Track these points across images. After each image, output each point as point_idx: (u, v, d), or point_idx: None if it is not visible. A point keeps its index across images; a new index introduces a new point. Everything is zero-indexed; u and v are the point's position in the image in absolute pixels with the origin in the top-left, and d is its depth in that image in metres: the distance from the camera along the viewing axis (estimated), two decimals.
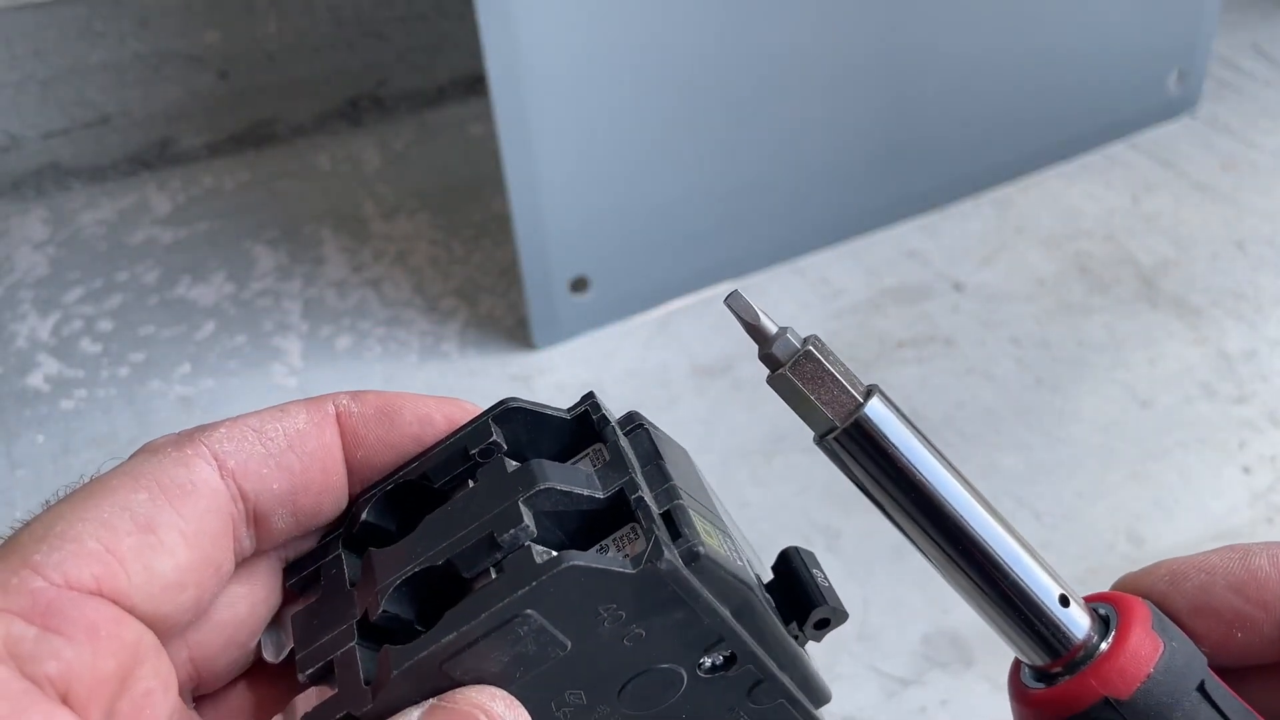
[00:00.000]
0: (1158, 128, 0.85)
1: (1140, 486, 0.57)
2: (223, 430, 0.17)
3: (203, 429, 0.17)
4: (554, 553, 0.16)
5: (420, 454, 0.18)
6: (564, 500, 0.16)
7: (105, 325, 0.72)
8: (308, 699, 0.17)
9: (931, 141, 0.74)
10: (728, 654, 0.17)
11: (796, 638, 0.18)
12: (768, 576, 0.19)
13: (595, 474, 0.17)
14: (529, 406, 0.18)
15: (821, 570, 0.19)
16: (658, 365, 0.66)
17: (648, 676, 0.17)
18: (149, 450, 0.17)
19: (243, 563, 0.18)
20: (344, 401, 0.18)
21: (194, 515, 0.16)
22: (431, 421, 0.18)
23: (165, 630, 0.16)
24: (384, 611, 0.16)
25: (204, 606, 0.17)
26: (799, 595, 0.18)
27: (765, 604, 0.17)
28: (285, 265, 0.76)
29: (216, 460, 0.17)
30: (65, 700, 0.14)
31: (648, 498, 0.16)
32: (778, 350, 0.17)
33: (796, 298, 0.71)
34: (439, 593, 0.16)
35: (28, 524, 0.16)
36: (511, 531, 0.16)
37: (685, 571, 0.16)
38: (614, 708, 0.17)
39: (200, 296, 0.74)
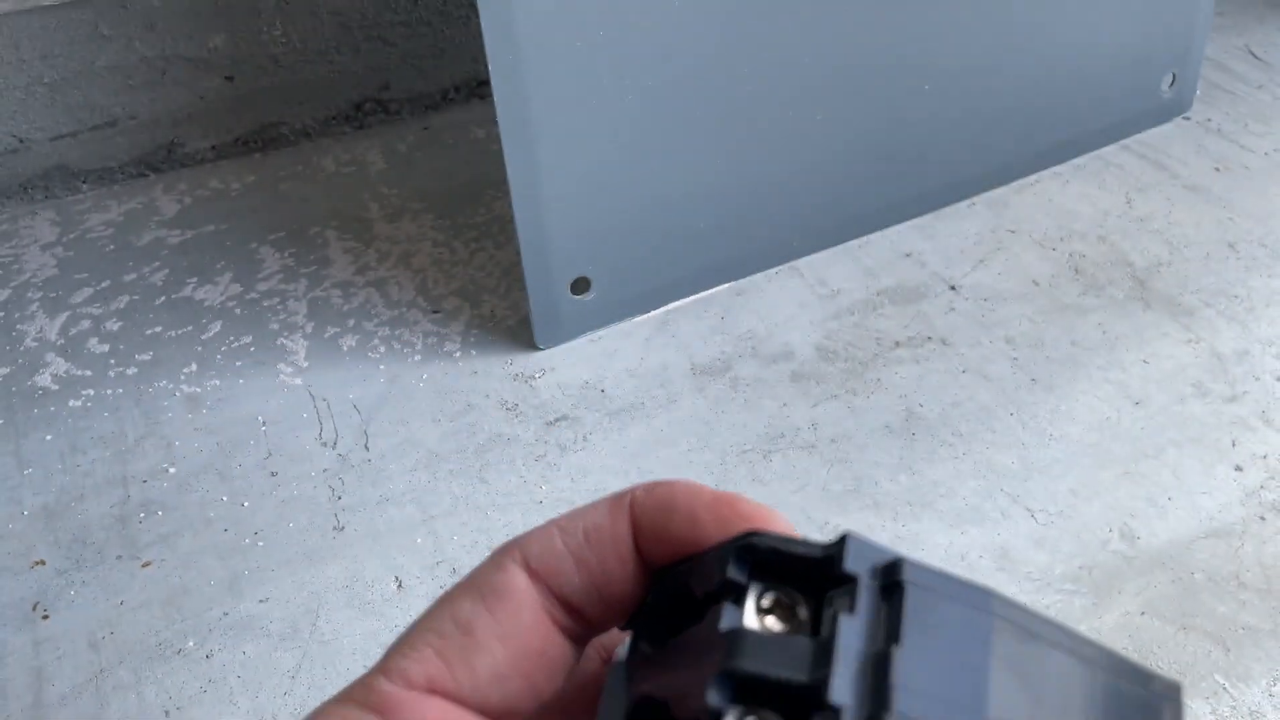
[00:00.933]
0: (1151, 130, 0.86)
1: (1134, 485, 0.57)
2: (536, 533, 0.19)
3: (526, 533, 0.19)
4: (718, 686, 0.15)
5: (691, 555, 0.18)
6: (759, 679, 0.15)
7: (113, 325, 0.73)
8: None
9: (928, 144, 0.75)
10: None
11: None
12: None
13: (814, 646, 0.15)
14: (771, 544, 0.17)
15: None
16: (658, 365, 0.67)
17: None
18: (488, 558, 0.19)
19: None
20: (639, 493, 0.19)
21: (505, 616, 0.18)
22: (699, 523, 0.18)
23: (506, 718, 0.18)
24: (631, 716, 0.17)
25: (543, 691, 0.19)
26: None
27: None
28: (291, 266, 0.77)
29: (525, 562, 0.19)
30: None
31: (847, 697, 0.14)
32: None
33: (795, 298, 0.72)
34: (664, 711, 0.17)
35: (401, 635, 0.19)
36: (693, 709, 0.15)
37: None
38: None
39: (206, 297, 0.75)
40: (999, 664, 0.15)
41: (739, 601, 0.17)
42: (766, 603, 0.17)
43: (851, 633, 0.15)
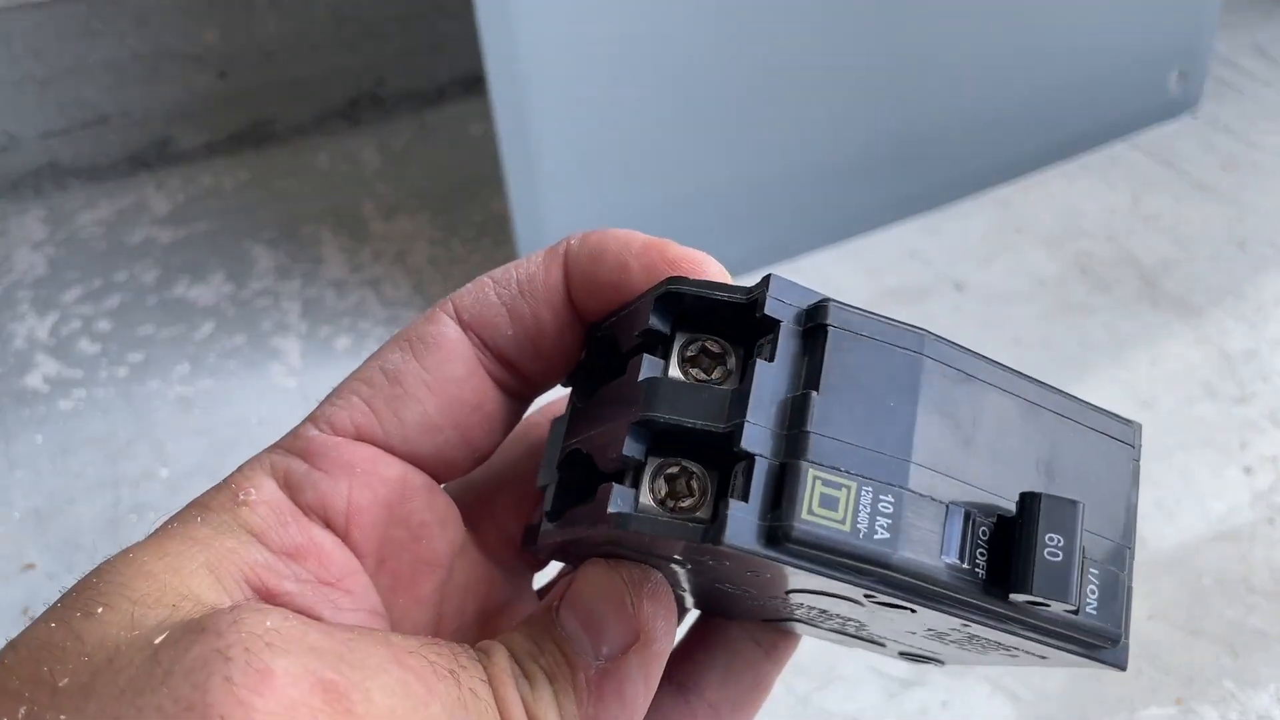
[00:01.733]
0: (1159, 127, 0.85)
1: (1141, 487, 0.57)
2: (469, 286, 0.19)
3: (460, 289, 0.19)
4: (630, 506, 0.15)
5: (621, 307, 0.18)
6: (675, 427, 0.15)
7: (104, 325, 0.72)
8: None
9: (932, 141, 0.74)
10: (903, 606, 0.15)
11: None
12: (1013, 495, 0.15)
13: (731, 395, 0.15)
14: (693, 290, 0.16)
15: (1067, 534, 0.14)
16: None
17: (829, 599, 0.15)
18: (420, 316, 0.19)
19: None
20: (574, 242, 0.18)
21: (434, 365, 0.18)
22: (628, 270, 0.18)
23: (440, 470, 0.18)
24: (562, 472, 0.18)
25: (479, 445, 0.19)
26: (1007, 562, 0.14)
27: (928, 574, 0.14)
28: (284, 265, 0.76)
29: (457, 313, 0.18)
30: (326, 522, 0.17)
31: (759, 445, 0.14)
32: None
33: None
34: (589, 464, 0.17)
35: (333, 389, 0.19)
36: (613, 458, 0.15)
37: (761, 552, 0.14)
38: (813, 606, 0.16)
39: (199, 296, 0.74)
40: (927, 409, 0.15)
41: (662, 352, 0.16)
42: (692, 352, 0.16)
43: (769, 379, 0.14)
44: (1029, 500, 0.15)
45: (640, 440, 0.15)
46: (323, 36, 0.88)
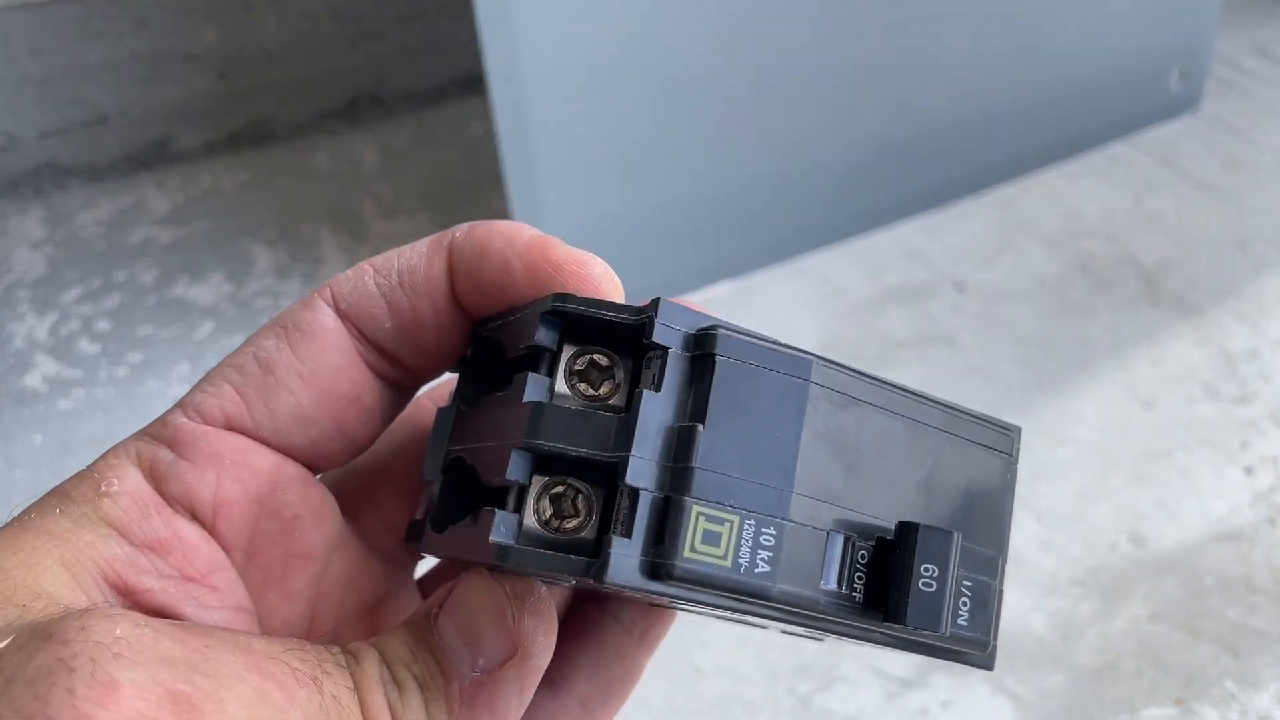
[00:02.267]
0: (1160, 127, 0.85)
1: (1142, 487, 0.57)
2: (348, 272, 0.18)
3: (339, 274, 0.18)
4: (504, 538, 0.15)
5: (507, 310, 0.17)
6: (559, 453, 0.15)
7: (103, 325, 0.72)
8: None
9: (933, 140, 0.74)
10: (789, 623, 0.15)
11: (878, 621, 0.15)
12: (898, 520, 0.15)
13: (617, 423, 0.15)
14: (580, 309, 0.15)
15: (940, 564, 0.15)
16: None
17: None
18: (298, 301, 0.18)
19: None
20: (459, 234, 0.18)
21: (309, 355, 0.17)
22: (510, 269, 0.17)
23: (317, 461, 0.18)
24: (444, 475, 0.17)
25: (358, 437, 0.18)
26: (885, 589, 0.15)
27: (807, 602, 0.14)
28: (284, 265, 0.76)
29: (334, 301, 0.17)
30: (193, 514, 0.16)
31: (645, 481, 0.14)
32: None
33: (797, 298, 0.71)
34: (474, 475, 0.17)
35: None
36: (495, 480, 0.15)
37: (645, 588, 0.14)
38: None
39: (198, 296, 0.74)
40: (812, 436, 0.15)
41: (547, 368, 0.16)
42: (580, 365, 0.16)
43: (654, 410, 0.14)
44: (906, 530, 0.15)
45: (523, 463, 0.15)
46: (323, 36, 0.88)
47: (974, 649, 0.16)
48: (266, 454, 0.17)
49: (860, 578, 0.15)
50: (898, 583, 0.15)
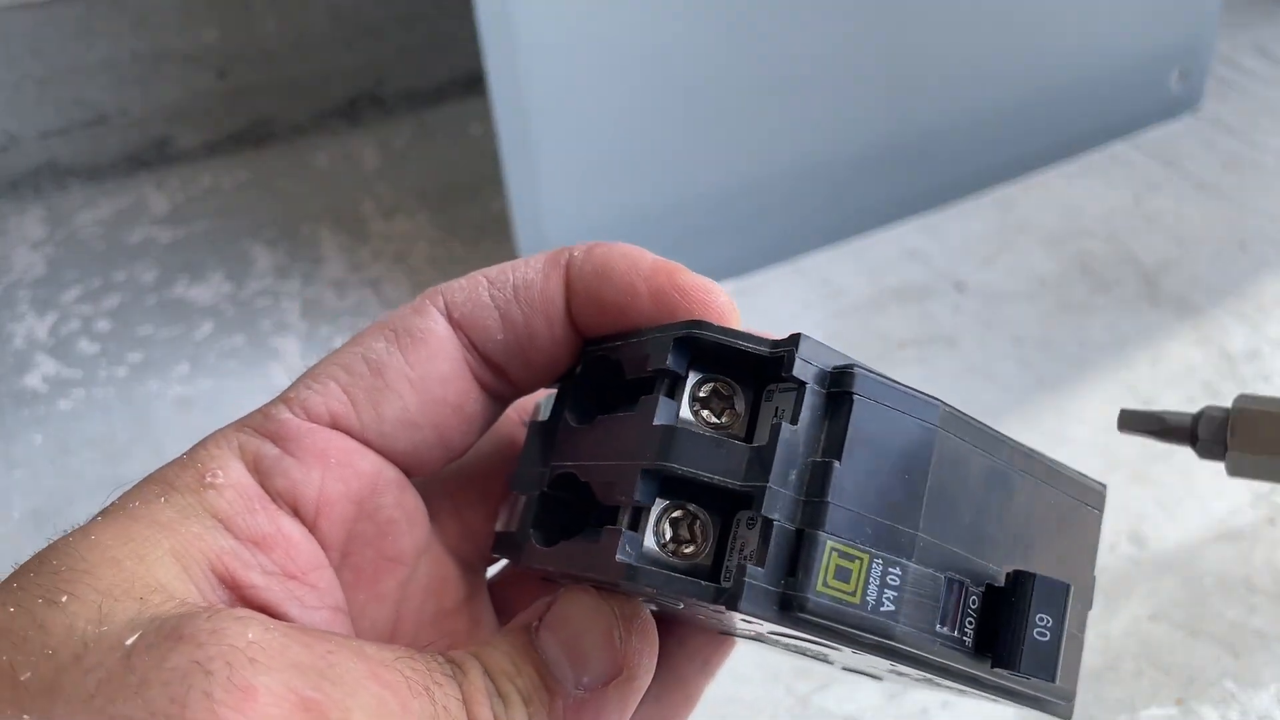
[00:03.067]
0: (1160, 127, 0.85)
1: (1142, 487, 0.57)
2: (461, 281, 0.18)
3: (448, 283, 0.18)
4: (637, 555, 0.15)
5: (627, 332, 0.17)
6: (690, 478, 0.15)
7: (103, 325, 0.72)
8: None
9: (933, 140, 0.74)
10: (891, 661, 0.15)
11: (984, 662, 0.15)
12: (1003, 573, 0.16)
13: (751, 451, 0.15)
14: (716, 338, 0.16)
15: (1055, 615, 0.15)
16: None
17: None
18: (407, 304, 0.18)
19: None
20: (578, 253, 0.18)
21: (419, 361, 0.17)
22: (635, 292, 0.17)
23: (413, 467, 0.18)
24: (549, 490, 0.17)
25: (455, 445, 0.18)
26: (999, 636, 0.15)
27: (930, 645, 0.15)
28: (284, 265, 0.76)
29: (447, 309, 0.18)
30: (295, 511, 0.16)
31: (778, 511, 0.14)
32: (1205, 431, 0.15)
33: (797, 298, 0.71)
34: (586, 491, 0.17)
35: (308, 368, 0.18)
36: (622, 497, 0.15)
37: (773, 619, 0.14)
38: (792, 637, 0.17)
39: (198, 296, 0.74)
40: (936, 480, 0.15)
41: (675, 392, 0.16)
42: (704, 392, 0.16)
43: (792, 443, 0.15)
44: (1022, 579, 0.15)
45: (651, 485, 0.15)
46: (323, 36, 0.88)
47: (1061, 699, 0.17)
48: (369, 455, 0.17)
49: (970, 622, 0.15)
50: (1013, 630, 0.15)
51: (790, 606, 0.14)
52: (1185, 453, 0.58)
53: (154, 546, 0.15)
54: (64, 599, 0.14)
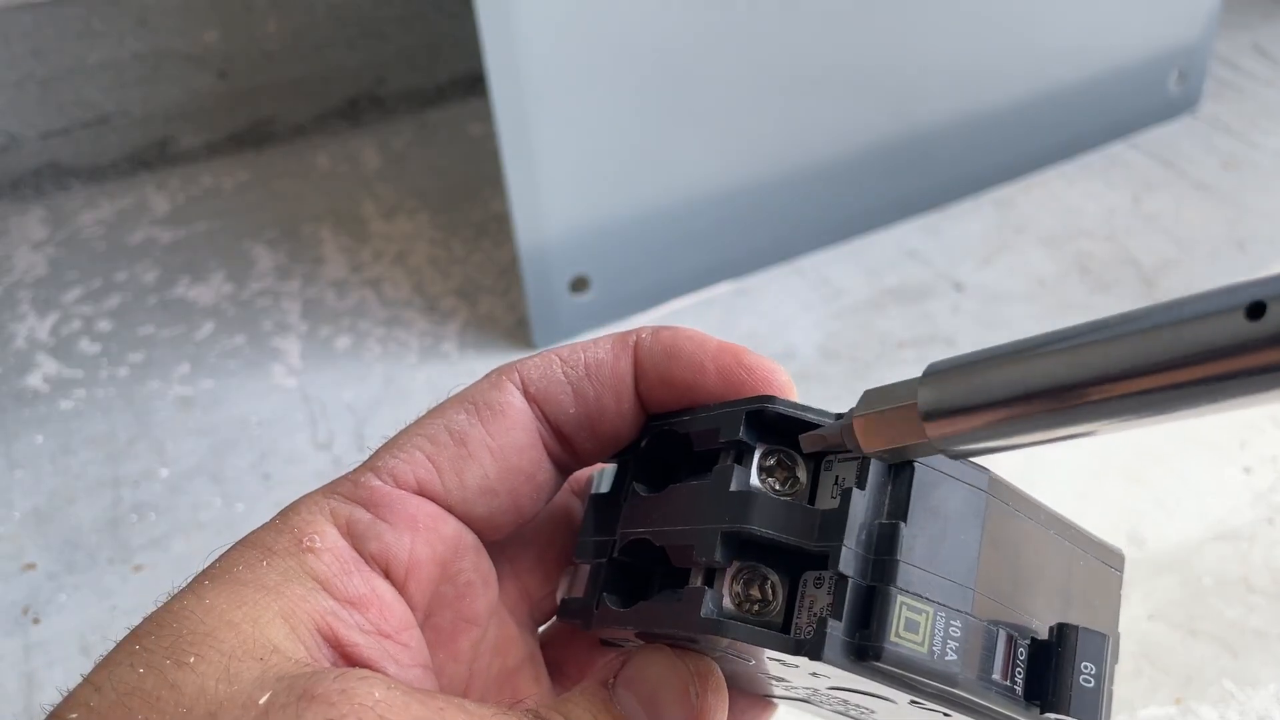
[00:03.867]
0: (1158, 127, 0.85)
1: (1141, 487, 0.57)
2: (536, 359, 0.19)
3: (523, 358, 0.19)
4: (720, 611, 0.16)
5: (694, 406, 0.19)
6: (768, 540, 0.16)
7: (104, 325, 0.72)
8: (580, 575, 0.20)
9: (932, 141, 0.74)
10: (939, 710, 0.17)
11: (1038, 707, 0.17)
12: (1047, 627, 0.17)
13: (823, 517, 0.16)
14: (787, 412, 0.17)
15: (1097, 663, 0.17)
16: None
17: (863, 695, 0.17)
18: (485, 375, 0.19)
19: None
20: (645, 335, 0.19)
21: (499, 432, 0.18)
22: (703, 370, 0.19)
23: (487, 531, 0.19)
24: (619, 556, 0.19)
25: (525, 512, 0.19)
26: (1047, 683, 0.17)
27: (985, 692, 0.16)
28: (284, 265, 0.76)
29: (523, 385, 0.19)
30: (386, 573, 0.17)
31: (852, 569, 0.16)
32: (834, 435, 0.16)
33: (797, 298, 0.71)
34: (663, 558, 0.18)
35: (389, 439, 0.19)
36: (703, 558, 0.16)
37: (850, 668, 0.15)
38: (842, 699, 0.18)
39: (199, 296, 0.74)
40: (988, 540, 0.17)
41: (744, 461, 0.17)
42: (770, 461, 0.17)
43: (861, 506, 0.16)
44: (1067, 631, 0.17)
45: (730, 546, 0.16)
46: (323, 36, 0.88)
47: None
48: (452, 521, 0.18)
49: (1020, 672, 0.17)
50: (1062, 678, 0.17)
51: (866, 656, 0.15)
52: (1183, 452, 0.59)
53: (264, 609, 0.16)
54: (191, 659, 0.14)
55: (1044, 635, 0.17)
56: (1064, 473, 0.58)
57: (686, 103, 0.63)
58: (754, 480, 0.17)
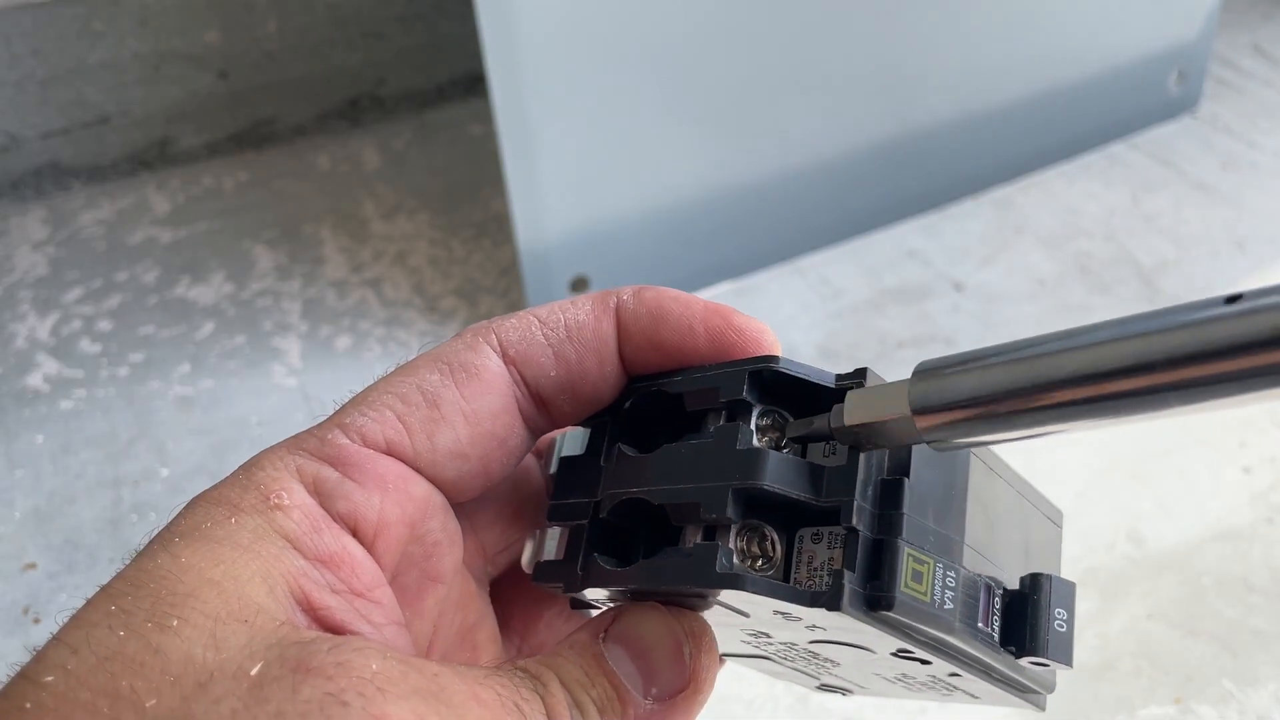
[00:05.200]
0: (1158, 127, 0.85)
1: (1141, 486, 0.57)
2: (513, 320, 0.19)
3: (501, 318, 0.19)
4: (734, 566, 0.16)
5: (685, 368, 0.19)
6: (777, 496, 0.17)
7: (104, 325, 0.72)
8: (551, 535, 0.19)
9: (932, 141, 0.74)
10: (922, 658, 0.17)
11: (1011, 653, 0.18)
12: (1016, 578, 0.18)
13: (828, 473, 0.17)
14: (790, 372, 0.17)
15: (1068, 609, 0.18)
16: None
17: (842, 647, 0.18)
18: (458, 334, 0.19)
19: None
20: (626, 296, 0.19)
21: (474, 395, 0.18)
22: (692, 333, 0.18)
23: (455, 493, 0.19)
24: (608, 516, 0.18)
25: (494, 476, 0.19)
26: (1025, 629, 0.18)
27: (972, 639, 0.17)
28: (285, 265, 0.76)
29: (501, 347, 0.18)
30: (354, 533, 0.17)
31: (863, 523, 0.16)
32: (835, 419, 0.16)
33: (796, 298, 0.71)
34: (652, 517, 0.18)
35: (356, 393, 0.18)
36: (712, 515, 0.17)
37: (868, 621, 0.16)
38: (812, 651, 0.18)
39: (199, 296, 0.74)
40: (972, 496, 0.18)
41: (745, 420, 0.17)
42: (765, 421, 0.18)
43: (867, 463, 0.17)
44: (1040, 580, 0.18)
45: (739, 503, 0.17)
46: (323, 37, 0.88)
47: (1046, 690, 0.19)
48: (421, 482, 0.18)
49: (996, 619, 0.18)
50: (1039, 623, 0.18)
51: (878, 606, 0.16)
52: (1183, 452, 0.59)
53: (242, 568, 0.15)
54: (174, 623, 0.14)
55: (1012, 585, 0.18)
56: (1064, 472, 0.58)
57: (687, 103, 0.63)
58: (754, 440, 0.17)
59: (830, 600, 0.16)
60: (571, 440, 0.20)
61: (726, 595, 0.16)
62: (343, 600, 0.16)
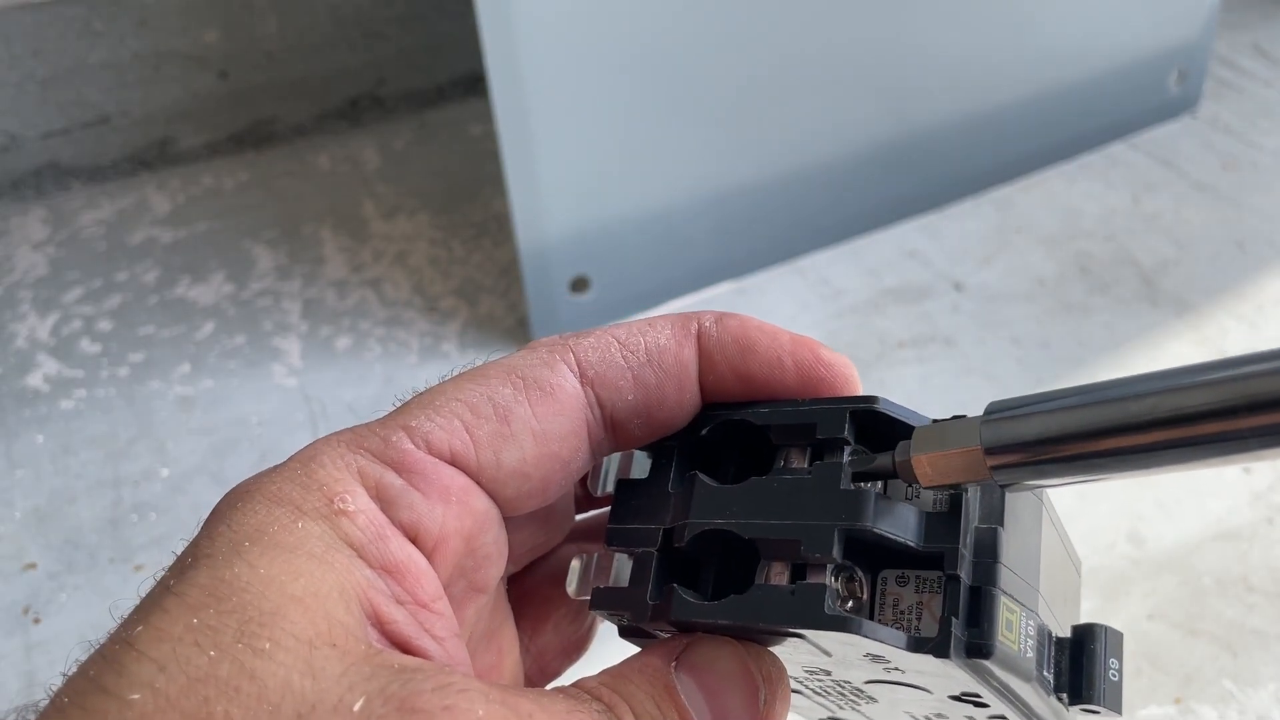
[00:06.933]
0: (1158, 127, 0.85)
1: (1141, 487, 0.57)
2: (591, 340, 0.18)
3: (576, 335, 0.18)
4: (843, 611, 0.16)
5: (772, 400, 0.18)
6: (880, 539, 0.17)
7: (105, 325, 0.72)
8: (601, 563, 0.19)
9: (932, 141, 0.74)
10: (981, 701, 0.18)
11: (1061, 700, 0.18)
12: (1066, 628, 0.19)
13: (927, 519, 0.17)
14: (893, 414, 0.17)
15: (1119, 659, 0.18)
16: None
17: (898, 687, 0.18)
18: (530, 347, 0.18)
19: None
20: (708, 322, 0.19)
21: (546, 415, 0.17)
22: (781, 366, 0.18)
23: (509, 509, 0.18)
24: (685, 546, 0.18)
25: (549, 496, 0.18)
26: (1080, 677, 0.18)
27: (1040, 685, 0.17)
28: (285, 265, 0.76)
29: (579, 367, 0.18)
30: (414, 542, 0.16)
31: (964, 570, 0.16)
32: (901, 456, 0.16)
33: (796, 298, 0.71)
34: (736, 552, 0.18)
35: (420, 393, 0.18)
36: (816, 555, 0.16)
37: (964, 667, 0.16)
38: (859, 689, 0.19)
39: (200, 296, 0.74)
40: (1045, 545, 0.18)
41: (836, 459, 0.17)
42: (849, 458, 0.18)
43: (969, 511, 0.17)
44: (1094, 630, 0.18)
45: (840, 544, 0.16)
46: (323, 36, 0.88)
47: None
48: (482, 497, 0.17)
49: (1053, 666, 0.18)
50: (1095, 672, 0.18)
51: (976, 654, 0.16)
52: None
53: (320, 582, 0.15)
54: (266, 645, 0.14)
55: (1061, 632, 0.18)
56: None
57: (686, 103, 0.63)
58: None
59: (939, 648, 0.16)
60: (627, 462, 0.20)
61: (819, 635, 0.16)
62: (407, 612, 0.16)
